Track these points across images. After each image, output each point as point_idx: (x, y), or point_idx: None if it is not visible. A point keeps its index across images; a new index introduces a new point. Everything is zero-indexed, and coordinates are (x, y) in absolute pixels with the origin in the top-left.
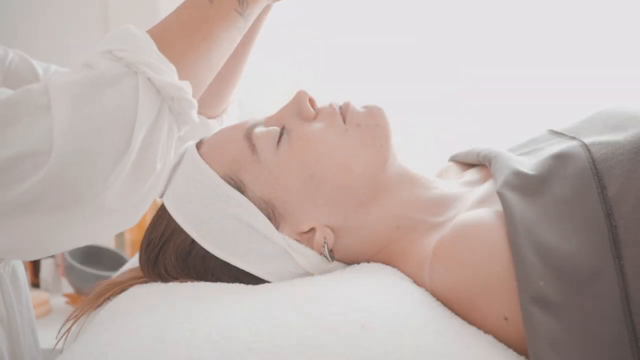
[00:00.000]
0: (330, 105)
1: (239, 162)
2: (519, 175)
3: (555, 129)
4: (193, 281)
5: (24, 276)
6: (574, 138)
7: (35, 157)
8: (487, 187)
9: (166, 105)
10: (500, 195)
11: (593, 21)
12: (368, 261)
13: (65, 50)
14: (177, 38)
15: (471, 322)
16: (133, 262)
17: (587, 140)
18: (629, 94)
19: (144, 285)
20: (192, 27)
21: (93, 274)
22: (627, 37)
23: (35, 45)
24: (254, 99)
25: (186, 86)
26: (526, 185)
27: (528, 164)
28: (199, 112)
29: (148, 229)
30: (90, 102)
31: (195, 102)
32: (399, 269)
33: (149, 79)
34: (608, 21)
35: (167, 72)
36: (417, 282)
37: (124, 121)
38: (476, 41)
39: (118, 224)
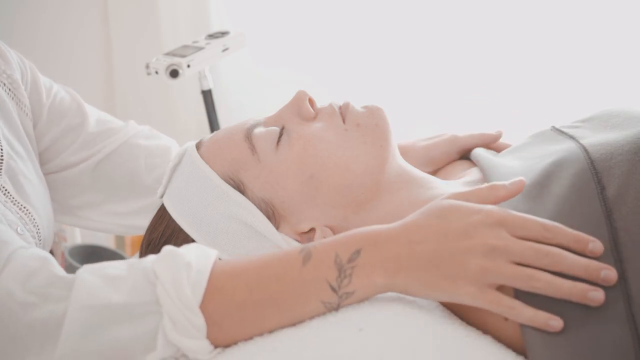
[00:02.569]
0: (330, 105)
1: (238, 162)
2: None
3: (557, 126)
4: None
5: None
6: (572, 137)
7: None
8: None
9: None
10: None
11: (594, 20)
12: None
13: (67, 50)
14: (237, 295)
15: (470, 322)
16: None
17: (586, 141)
18: (630, 94)
19: None
20: (262, 285)
21: None
22: (628, 36)
23: (35, 45)
24: (254, 99)
25: (205, 350)
26: (524, 193)
27: (521, 171)
28: None
29: (148, 229)
30: (101, 335)
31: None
32: None
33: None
34: (609, 20)
35: (194, 337)
36: None
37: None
38: (476, 41)
39: None
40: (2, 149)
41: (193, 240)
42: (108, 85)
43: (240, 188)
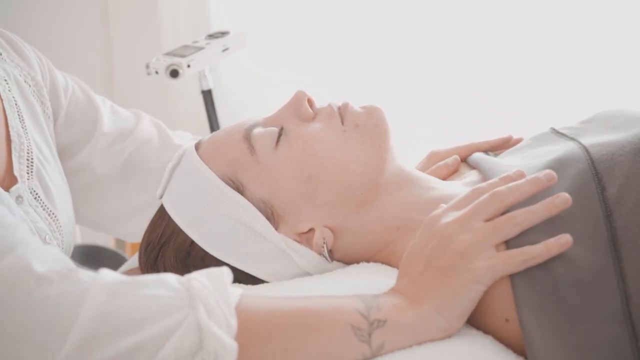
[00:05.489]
0: (329, 106)
1: (237, 162)
2: None
3: (557, 128)
4: None
5: None
6: (573, 139)
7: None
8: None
9: None
10: None
11: (594, 20)
12: (368, 261)
13: (67, 50)
14: (265, 307)
15: (472, 323)
16: (131, 262)
17: (587, 141)
18: (631, 94)
19: None
20: (289, 302)
21: None
22: (628, 36)
23: (35, 45)
24: (254, 99)
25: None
26: None
27: (521, 168)
28: None
29: (147, 229)
30: (121, 329)
31: None
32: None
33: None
34: (609, 20)
35: (224, 330)
36: None
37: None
38: (476, 41)
39: None
40: (32, 152)
41: (192, 241)
42: (108, 85)
43: (239, 189)
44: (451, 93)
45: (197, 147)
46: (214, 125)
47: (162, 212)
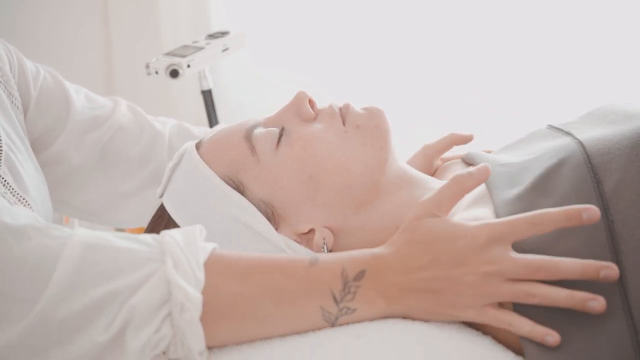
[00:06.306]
0: (330, 107)
1: (238, 162)
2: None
3: (554, 124)
4: None
5: None
6: (568, 134)
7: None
8: (482, 187)
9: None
10: (494, 200)
11: (593, 19)
12: None
13: (67, 50)
14: (238, 270)
15: (470, 324)
16: None
17: (582, 136)
18: (630, 92)
19: None
20: (266, 270)
21: None
22: (627, 36)
23: (35, 45)
24: (254, 99)
25: (197, 303)
26: (528, 193)
27: (518, 167)
28: None
29: (147, 228)
30: (96, 277)
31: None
32: None
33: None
34: (608, 20)
35: (191, 284)
36: None
37: (114, 305)
38: (476, 40)
39: None
40: (0, 139)
41: None
42: (108, 85)
43: (239, 189)
44: (451, 93)
45: (198, 147)
46: (213, 125)
47: (162, 212)
